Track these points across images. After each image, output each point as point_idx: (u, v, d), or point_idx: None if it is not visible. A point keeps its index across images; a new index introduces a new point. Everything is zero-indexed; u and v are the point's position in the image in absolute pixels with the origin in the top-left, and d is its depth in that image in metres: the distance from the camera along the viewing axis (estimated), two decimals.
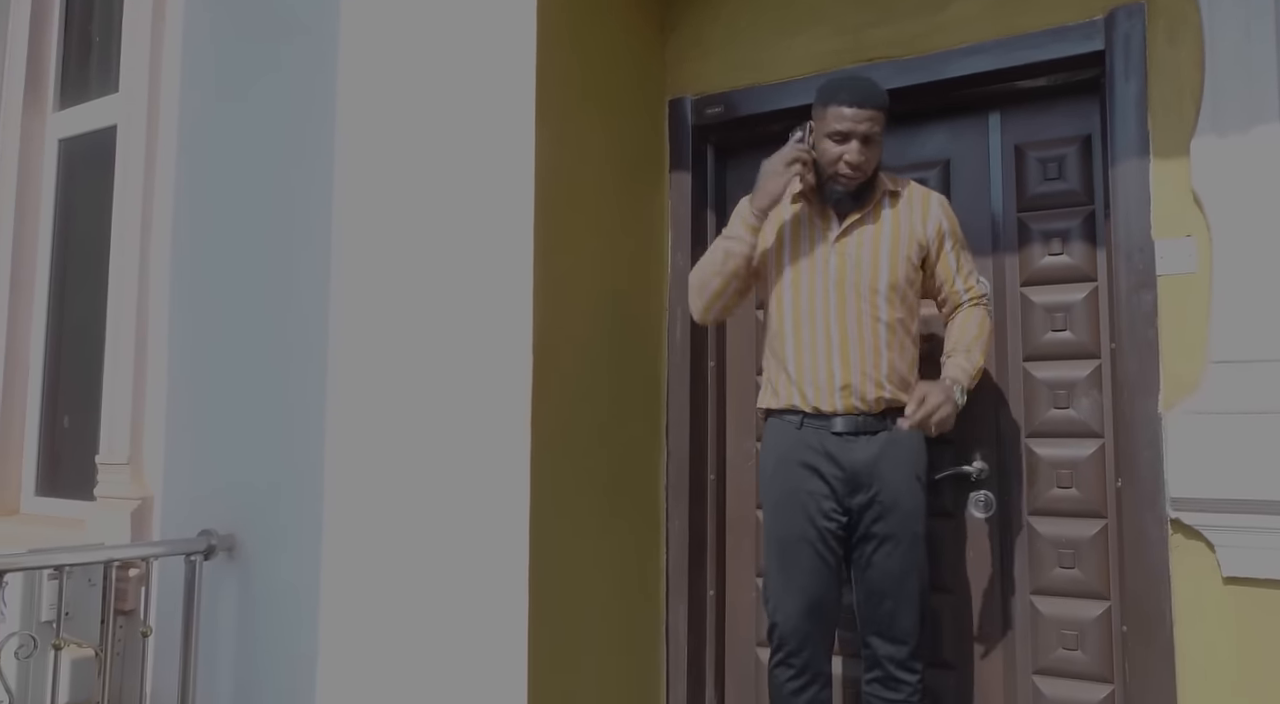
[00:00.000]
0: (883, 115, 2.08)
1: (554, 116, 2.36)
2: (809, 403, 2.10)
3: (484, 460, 2.29)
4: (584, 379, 2.44)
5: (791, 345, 2.14)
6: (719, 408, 2.81)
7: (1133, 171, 2.21)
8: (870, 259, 2.08)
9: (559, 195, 2.37)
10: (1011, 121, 2.51)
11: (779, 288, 2.18)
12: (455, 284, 2.37)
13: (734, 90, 2.76)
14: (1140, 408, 2.16)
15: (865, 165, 2.07)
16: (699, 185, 2.83)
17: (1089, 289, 2.38)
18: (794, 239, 2.19)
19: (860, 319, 2.07)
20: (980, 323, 2.14)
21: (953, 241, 2.15)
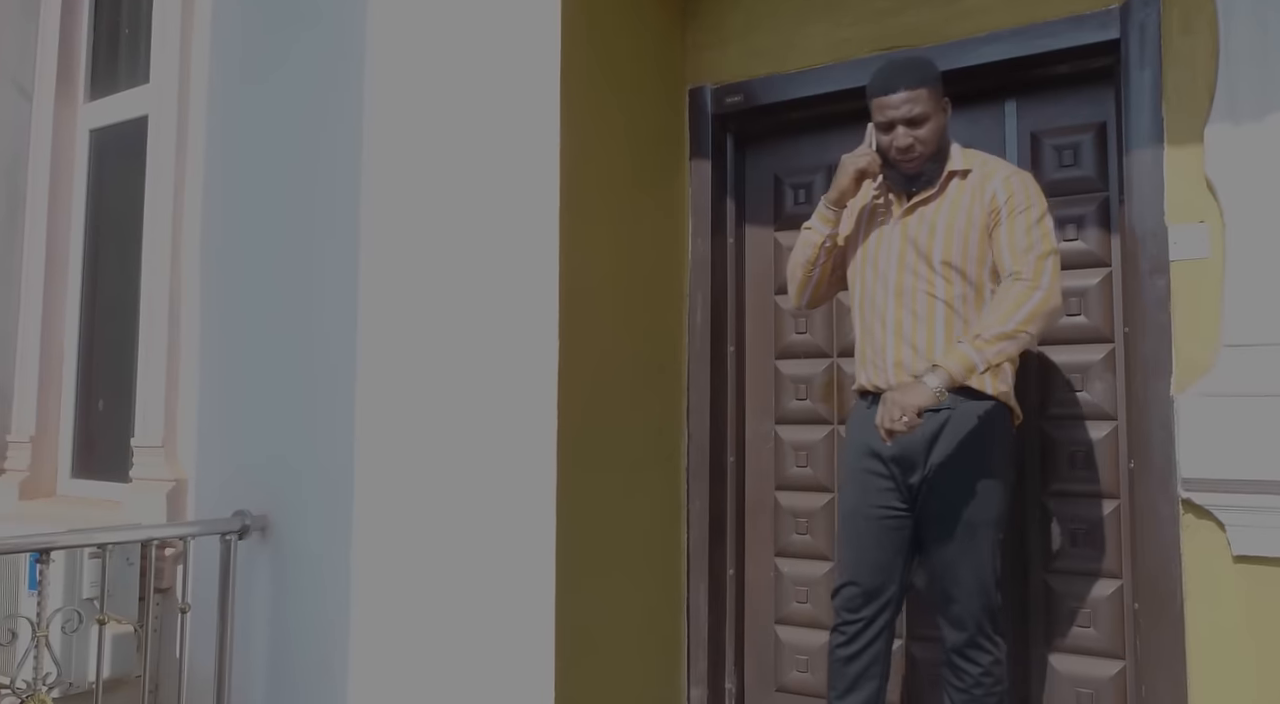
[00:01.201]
0: (925, 92, 2.05)
1: (577, 105, 2.41)
2: (872, 382, 2.13)
3: (510, 440, 2.35)
4: (607, 362, 2.50)
5: (859, 325, 2.19)
6: (738, 392, 2.87)
7: (1147, 158, 2.25)
8: (928, 236, 2.06)
9: (584, 182, 2.42)
10: (1027, 109, 2.55)
11: (853, 269, 2.22)
12: (482, 268, 2.43)
13: (753, 79, 2.80)
14: (1153, 390, 2.20)
15: (916, 148, 2.06)
16: (719, 173, 2.87)
17: (1103, 274, 2.42)
18: (868, 222, 2.20)
19: (915, 296, 2.06)
20: (1002, 301, 1.93)
21: (1009, 212, 2.00)
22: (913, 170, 2.10)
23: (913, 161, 2.08)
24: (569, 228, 2.35)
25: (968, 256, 2.05)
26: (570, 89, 2.38)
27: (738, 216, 2.90)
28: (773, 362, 2.86)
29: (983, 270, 2.07)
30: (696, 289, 2.83)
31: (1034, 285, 1.95)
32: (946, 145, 2.14)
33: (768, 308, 2.88)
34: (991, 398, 2.04)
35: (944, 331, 2.04)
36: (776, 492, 2.83)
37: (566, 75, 2.38)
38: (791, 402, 2.82)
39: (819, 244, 2.20)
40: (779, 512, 2.82)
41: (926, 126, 2.07)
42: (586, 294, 2.42)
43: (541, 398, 2.30)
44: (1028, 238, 2.00)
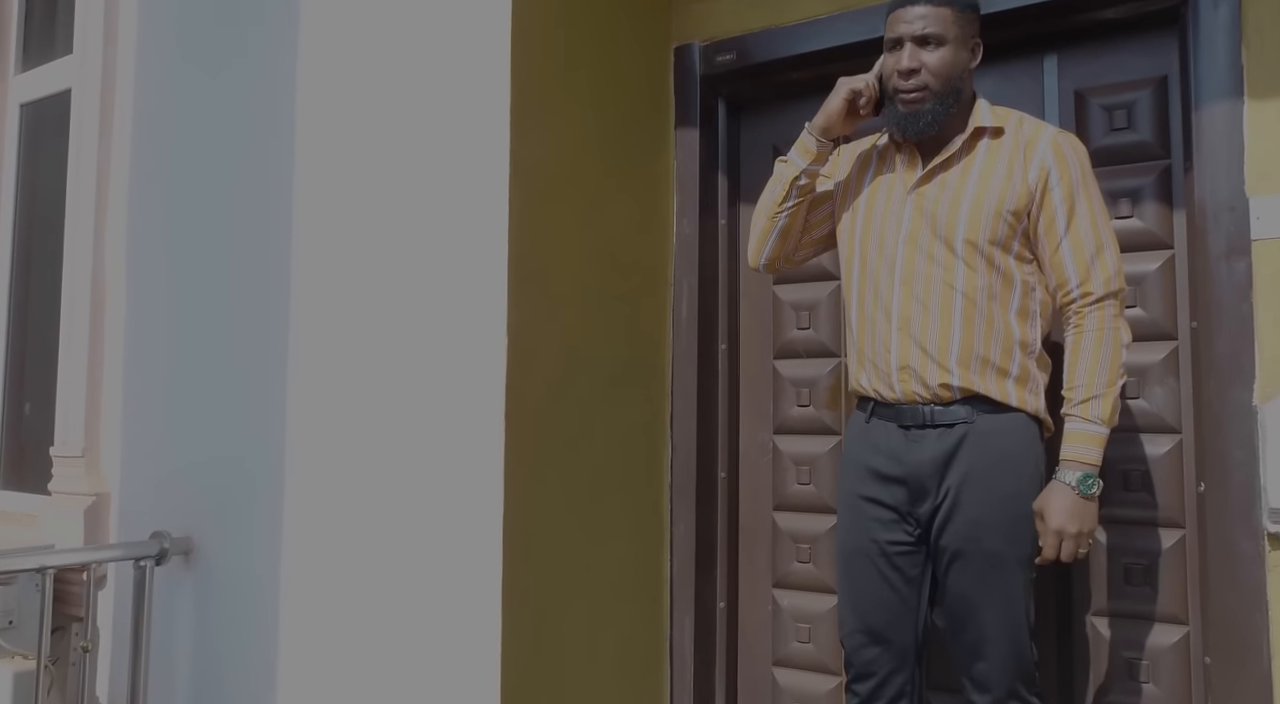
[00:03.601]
0: (951, 14, 1.66)
1: (533, 66, 2.03)
2: (873, 387, 1.75)
3: (452, 456, 1.99)
4: (572, 363, 2.13)
5: (855, 316, 1.79)
6: (731, 396, 2.49)
7: (1221, 116, 1.84)
8: (949, 211, 1.66)
9: (541, 155, 2.05)
10: (1071, 63, 2.15)
11: (849, 246, 1.81)
12: (421, 260, 2.07)
13: (748, 34, 2.41)
14: (1230, 399, 1.80)
15: (921, 75, 1.66)
16: (708, 143, 2.49)
17: (1164, 258, 2.02)
18: (872, 188, 1.79)
19: (929, 285, 1.67)
20: (1098, 343, 1.60)
21: (1063, 193, 1.62)
22: (912, 107, 1.69)
23: (913, 94, 1.68)
24: (521, 208, 1.98)
25: (1002, 239, 1.65)
26: (523, 46, 2.01)
27: (730, 194, 2.51)
28: (771, 361, 2.48)
29: (1010, 256, 1.67)
30: (682, 277, 2.45)
31: (1116, 325, 1.62)
32: (970, 97, 1.75)
33: (765, 299, 2.49)
34: (1018, 410, 1.65)
35: (962, 332, 1.65)
36: (775, 512, 2.44)
37: (519, 30, 2.00)
38: (792, 408, 2.43)
39: (791, 180, 1.80)
40: (778, 536, 2.43)
41: (940, 53, 1.67)
42: (543, 284, 2.04)
43: (487, 404, 1.93)
44: (1095, 236, 1.64)
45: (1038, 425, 1.68)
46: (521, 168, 1.98)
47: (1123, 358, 1.61)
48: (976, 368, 1.65)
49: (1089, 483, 1.57)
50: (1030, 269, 1.68)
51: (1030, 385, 1.66)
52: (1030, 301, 1.68)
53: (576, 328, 2.15)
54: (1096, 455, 1.58)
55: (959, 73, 1.70)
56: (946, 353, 1.65)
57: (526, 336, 1.98)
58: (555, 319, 2.08)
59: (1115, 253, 1.64)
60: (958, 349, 1.65)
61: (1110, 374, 1.60)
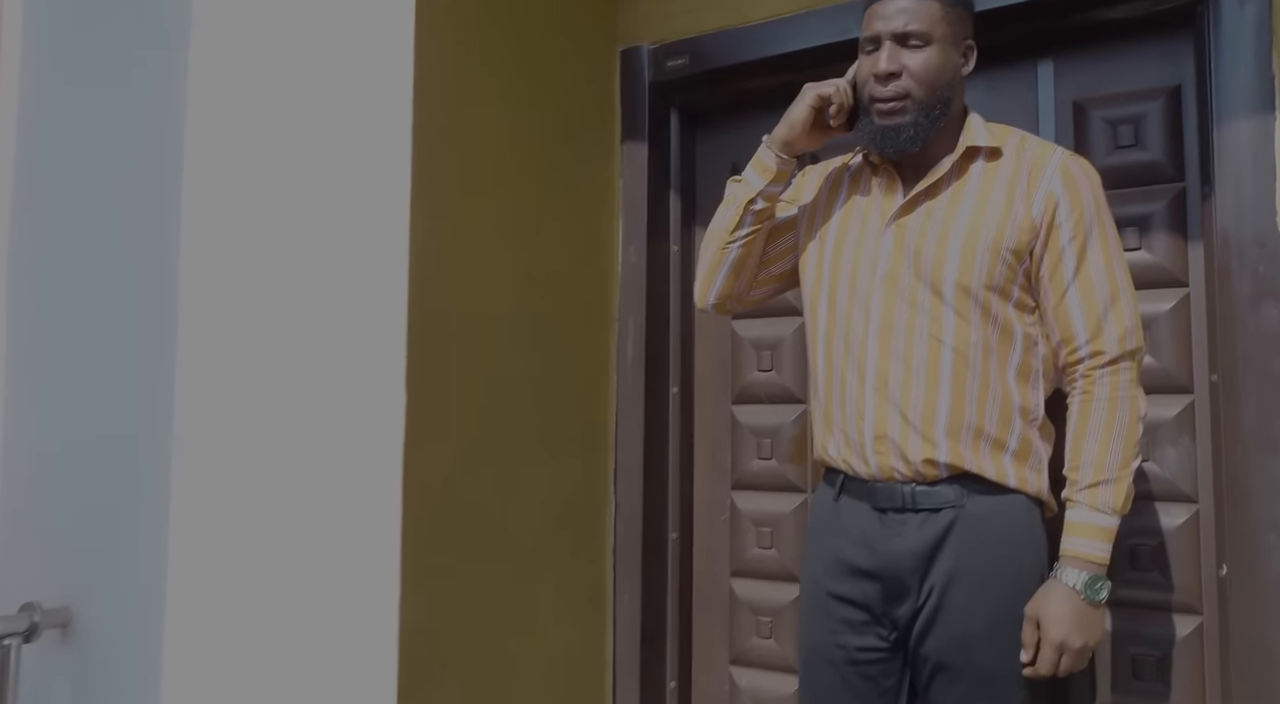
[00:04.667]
0: (939, 7, 1.38)
1: (443, 69, 1.74)
2: (843, 457, 1.45)
3: (341, 541, 1.69)
4: (491, 420, 1.83)
5: (822, 371, 1.49)
6: (684, 446, 2.19)
7: (1247, 133, 1.56)
8: (936, 247, 1.38)
9: (451, 171, 1.76)
10: (1069, 69, 1.86)
11: (816, 286, 1.51)
12: (312, 297, 1.77)
13: (703, 35, 2.12)
14: (1259, 469, 1.52)
15: (906, 82, 1.37)
16: (659, 159, 2.20)
17: (1178, 298, 1.73)
18: (844, 216, 1.50)
19: (912, 337, 1.38)
20: (1110, 415, 1.31)
21: (1073, 229, 1.34)
22: (891, 119, 1.39)
23: (892, 103, 1.39)
24: (426, 232, 1.68)
25: (994, 281, 1.36)
26: (430, 49, 1.71)
27: (684, 216, 2.22)
28: (729, 407, 2.18)
29: (1012, 305, 1.38)
30: (628, 312, 2.15)
31: (1132, 392, 1.34)
32: (961, 110, 1.46)
33: (723, 336, 2.20)
34: (1016, 491, 1.36)
35: (951, 396, 1.35)
36: (732, 579, 2.15)
37: (424, 31, 1.71)
38: (753, 461, 2.14)
39: (745, 203, 1.50)
40: (736, 606, 2.14)
41: (924, 54, 1.38)
42: (454, 324, 1.75)
43: (379, 482, 1.64)
44: (1110, 283, 1.35)
45: (1039, 509, 1.39)
46: (427, 187, 1.68)
47: (1139, 433, 1.32)
48: (968, 440, 1.35)
49: (1097, 587, 1.28)
50: (1033, 319, 1.39)
51: (1032, 460, 1.37)
52: (1032, 358, 1.39)
53: (498, 375, 1.85)
54: (1105, 552, 1.29)
55: (948, 79, 1.40)
56: (932, 421, 1.36)
57: (431, 390, 1.68)
58: (469, 367, 1.78)
59: (1133, 304, 1.36)
60: (946, 417, 1.35)
61: (1125, 453, 1.31)
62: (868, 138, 1.45)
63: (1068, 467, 1.33)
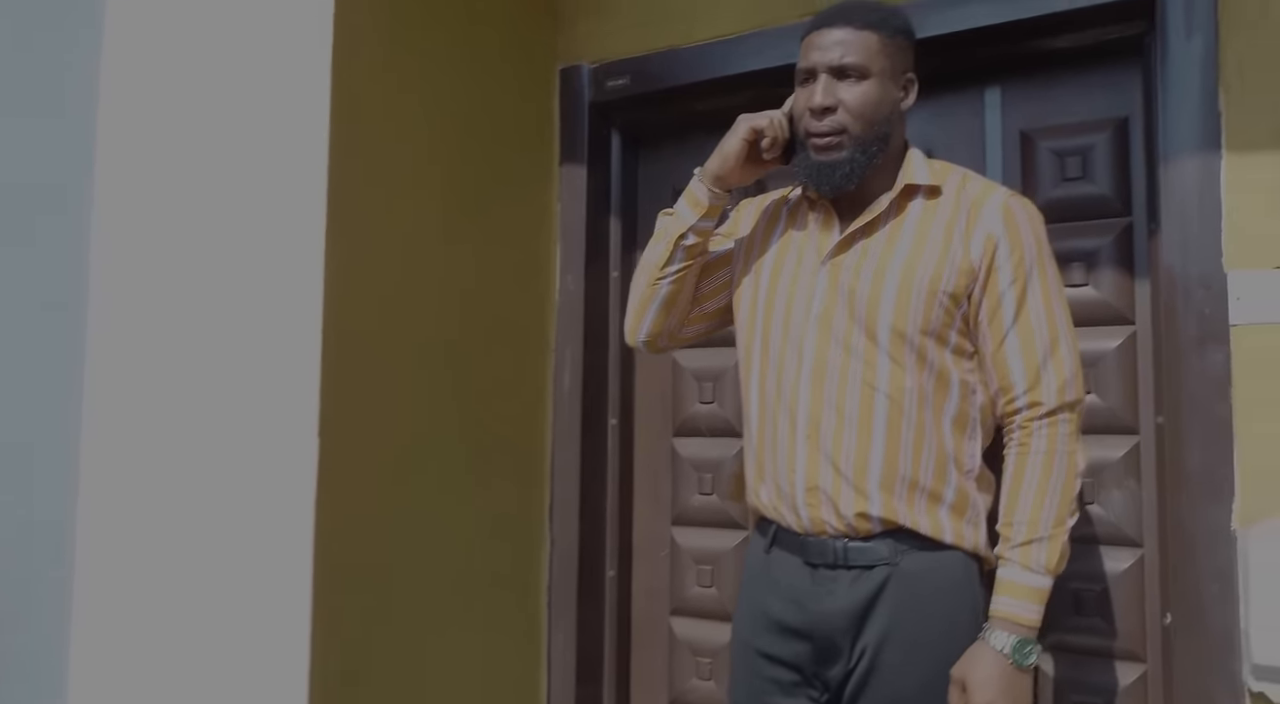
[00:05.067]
0: (877, 40, 1.31)
1: (369, 88, 1.66)
2: (774, 507, 1.38)
3: (253, 563, 1.60)
4: (416, 455, 1.74)
5: (756, 415, 1.41)
6: (622, 481, 2.12)
7: (1193, 171, 1.52)
8: (870, 289, 1.31)
9: (375, 197, 1.67)
10: (1017, 98, 1.82)
11: (749, 325, 1.44)
12: (222, 319, 1.67)
13: (646, 55, 2.05)
14: (1204, 517, 1.47)
15: (842, 116, 1.31)
16: (599, 183, 2.13)
17: (1124, 336, 1.69)
18: (779, 253, 1.43)
19: (845, 383, 1.31)
20: (1047, 470, 1.25)
21: (1013, 272, 1.29)
22: (826, 155, 1.33)
23: (827, 138, 1.32)
24: (344, 257, 1.60)
25: (931, 326, 1.30)
26: (353, 65, 1.63)
27: (625, 242, 2.15)
28: (670, 440, 2.11)
29: (950, 350, 1.31)
30: (566, 340, 2.08)
31: (1071, 447, 1.27)
32: (900, 146, 1.40)
33: (664, 366, 2.13)
34: (953, 547, 1.30)
35: (885, 446, 1.29)
36: (672, 618, 2.08)
37: (345, 47, 1.62)
38: (693, 496, 2.07)
39: (675, 238, 1.43)
40: (675, 646, 2.07)
41: (862, 88, 1.31)
42: (374, 353, 1.66)
43: (293, 500, 1.55)
44: (1049, 329, 1.29)
45: (977, 564, 1.33)
46: (344, 208, 1.60)
47: (1076, 489, 1.27)
48: (902, 493, 1.29)
49: (1026, 651, 1.22)
50: (971, 366, 1.33)
51: (969, 514, 1.31)
52: (970, 406, 1.33)
53: (425, 405, 1.77)
54: (1036, 615, 1.23)
55: (886, 114, 1.34)
56: (865, 473, 1.29)
57: (347, 420, 1.59)
58: (392, 396, 1.69)
59: (1074, 353, 1.30)
60: (879, 469, 1.29)
61: (1060, 510, 1.25)
62: (803, 173, 1.38)
63: (1001, 522, 1.27)
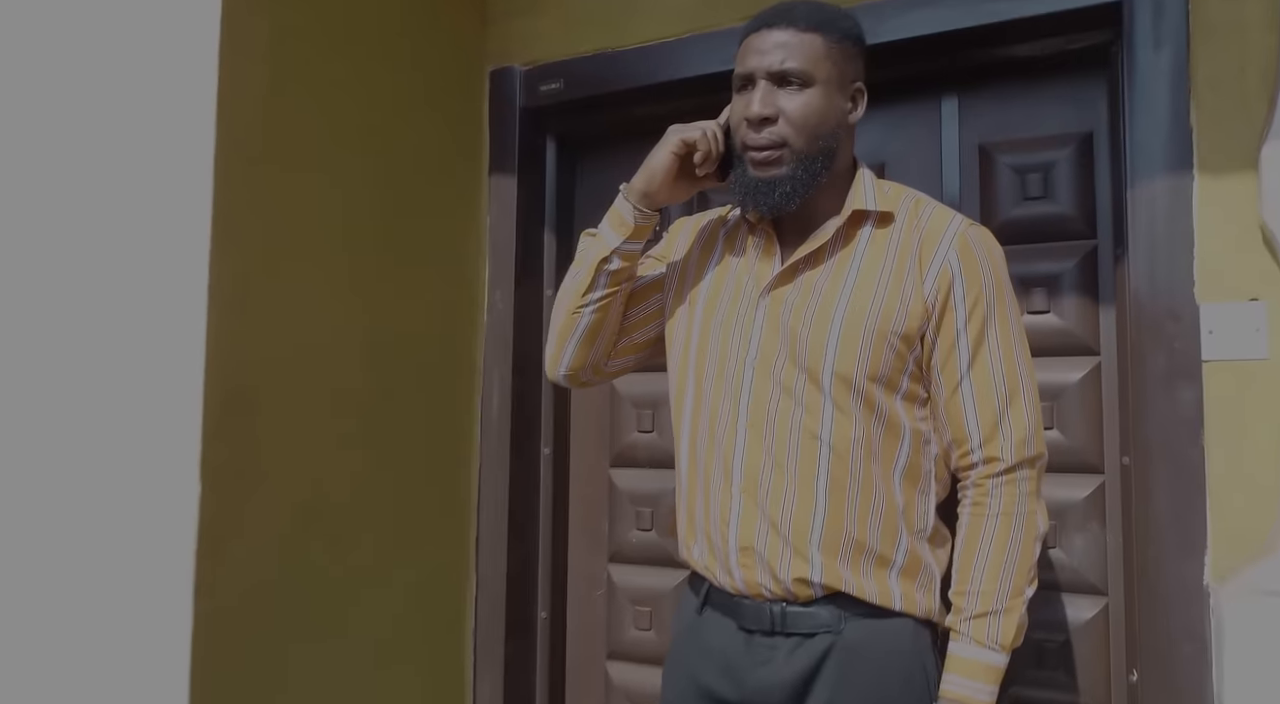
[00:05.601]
0: (821, 43, 1.17)
1: (253, 88, 1.49)
2: (706, 565, 1.24)
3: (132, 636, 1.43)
4: (328, 481, 1.59)
5: (686, 464, 1.27)
6: (556, 513, 1.97)
7: (1162, 192, 1.40)
8: (814, 329, 1.17)
9: (271, 215, 1.51)
10: (975, 109, 1.70)
11: (682, 362, 1.29)
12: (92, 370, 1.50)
13: (581, 57, 1.91)
14: (1174, 570, 1.35)
15: (782, 128, 1.16)
16: (532, 194, 1.98)
17: (1088, 367, 1.57)
18: (715, 281, 1.28)
19: (786, 433, 1.17)
20: (1004, 535, 1.12)
21: (969, 312, 1.15)
22: (765, 171, 1.18)
23: (766, 152, 1.18)
24: (235, 279, 1.44)
25: (880, 372, 1.16)
26: (241, 81, 1.46)
27: (560, 258, 2.01)
28: (607, 471, 1.97)
29: (900, 397, 1.18)
30: (494, 364, 1.93)
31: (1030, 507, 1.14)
32: (849, 165, 1.26)
33: (601, 392, 1.98)
34: (903, 614, 1.17)
35: (829, 503, 1.15)
36: (608, 662, 1.94)
37: (235, 43, 1.46)
38: (631, 532, 1.93)
39: (597, 262, 1.27)
40: (611, 693, 1.93)
41: (804, 97, 1.17)
42: (271, 379, 1.50)
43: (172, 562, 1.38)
44: (1009, 376, 1.16)
45: (929, 631, 1.19)
46: (231, 239, 1.43)
47: (1036, 555, 1.14)
48: (847, 556, 1.15)
49: None
50: (924, 414, 1.20)
51: (921, 578, 1.18)
52: (922, 459, 1.20)
53: (333, 445, 1.61)
54: (989, 696, 1.10)
55: (832, 126, 1.20)
56: (805, 533, 1.15)
57: (241, 466, 1.43)
58: (295, 436, 1.53)
59: (1035, 403, 1.17)
60: (822, 528, 1.15)
61: (1018, 580, 1.12)
62: (740, 191, 1.24)
63: (954, 590, 1.15)
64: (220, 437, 1.39)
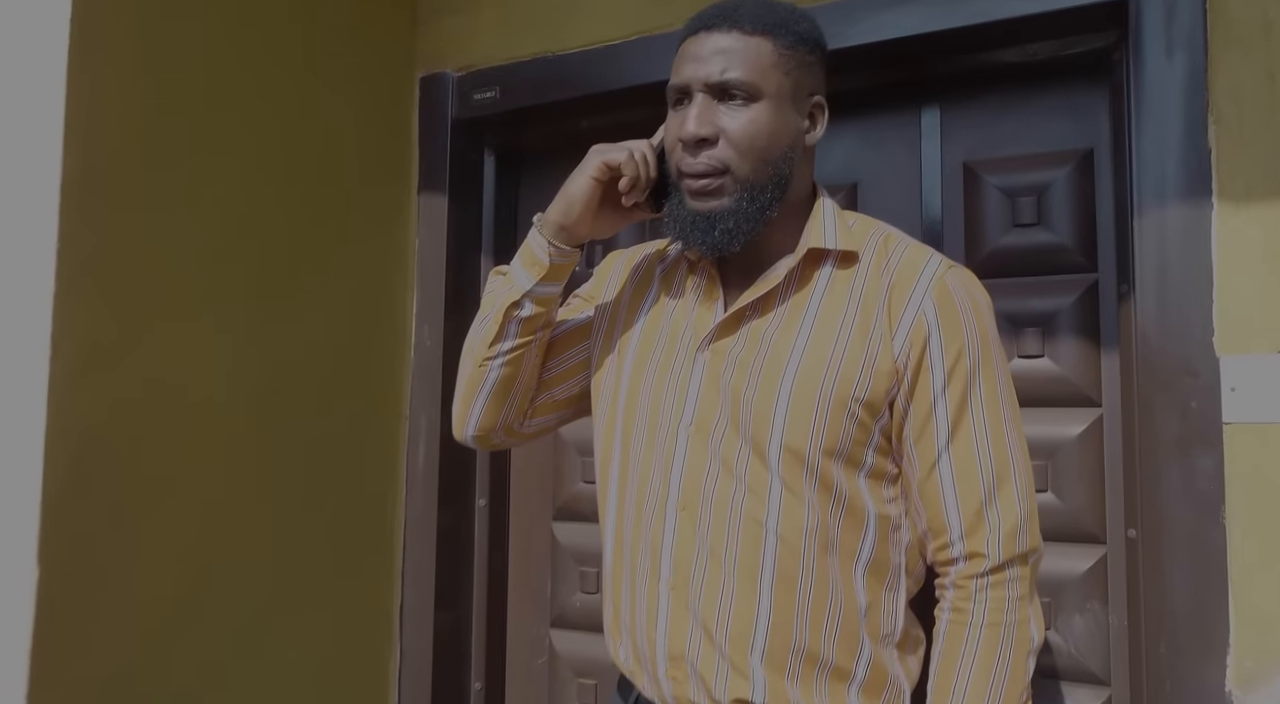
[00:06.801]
0: (772, 46, 0.97)
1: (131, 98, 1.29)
2: (629, 668, 1.04)
3: None
4: (209, 549, 1.38)
5: (611, 550, 1.07)
6: (493, 574, 1.76)
7: (1176, 221, 1.20)
8: (759, 392, 0.97)
9: (154, 240, 1.30)
10: (959, 121, 1.49)
11: (608, 425, 1.09)
12: None
13: (521, 62, 1.70)
14: (1189, 674, 1.15)
15: (723, 151, 0.96)
16: (467, 214, 1.77)
17: (1089, 420, 1.36)
18: (648, 328, 1.09)
19: (724, 517, 0.97)
20: (990, 649, 0.91)
21: (947, 374, 0.95)
22: (704, 203, 0.98)
23: (704, 181, 0.97)
24: (88, 326, 1.22)
25: (839, 446, 0.95)
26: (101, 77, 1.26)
27: None
28: (549, 525, 1.76)
29: (864, 475, 0.97)
30: (421, 407, 1.72)
31: (1022, 615, 0.93)
32: (806, 192, 1.05)
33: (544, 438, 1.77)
34: None
35: (774, 606, 0.94)
36: None
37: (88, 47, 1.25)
38: (576, 594, 1.72)
39: (505, 308, 1.06)
40: None
41: (750, 113, 0.96)
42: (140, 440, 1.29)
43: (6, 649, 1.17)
44: (997, 454, 0.95)
45: None
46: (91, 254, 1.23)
47: (1029, 673, 0.93)
48: (796, 671, 0.94)
49: None
50: (893, 493, 0.99)
51: (887, 694, 0.97)
52: (891, 548, 0.98)
53: (227, 505, 1.40)
54: None
55: (784, 149, 0.99)
56: (745, 643, 0.94)
57: (88, 548, 1.22)
58: (158, 508, 1.32)
59: (1028, 487, 0.96)
60: (765, 636, 0.94)
61: (1006, 702, 0.91)
62: (675, 225, 1.03)
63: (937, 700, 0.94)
64: (66, 509, 1.19)
